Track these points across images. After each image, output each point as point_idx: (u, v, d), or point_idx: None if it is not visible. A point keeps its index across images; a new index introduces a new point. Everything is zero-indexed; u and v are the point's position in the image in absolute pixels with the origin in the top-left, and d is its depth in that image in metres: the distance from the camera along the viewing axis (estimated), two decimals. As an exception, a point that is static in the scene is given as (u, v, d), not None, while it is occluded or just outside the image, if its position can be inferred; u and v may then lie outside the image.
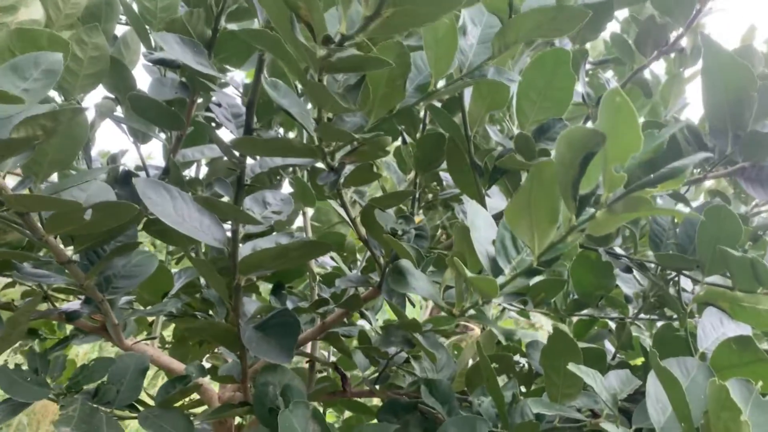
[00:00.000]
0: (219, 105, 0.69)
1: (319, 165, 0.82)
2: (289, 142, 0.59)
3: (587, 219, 0.38)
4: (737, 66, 0.68)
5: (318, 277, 1.06)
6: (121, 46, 0.96)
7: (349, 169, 0.70)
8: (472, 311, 0.55)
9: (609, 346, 0.99)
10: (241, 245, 0.76)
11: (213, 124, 0.92)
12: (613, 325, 0.91)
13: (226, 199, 0.77)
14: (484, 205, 0.79)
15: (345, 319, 0.96)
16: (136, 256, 0.84)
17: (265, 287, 1.18)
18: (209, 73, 0.59)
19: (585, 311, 0.87)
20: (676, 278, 0.65)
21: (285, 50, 0.44)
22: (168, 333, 1.37)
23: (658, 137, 0.38)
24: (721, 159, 0.74)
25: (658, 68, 1.10)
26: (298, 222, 1.17)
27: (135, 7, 0.89)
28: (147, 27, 0.88)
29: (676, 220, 0.68)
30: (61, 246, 0.69)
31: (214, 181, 0.72)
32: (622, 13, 0.91)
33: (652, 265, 0.67)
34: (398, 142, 0.94)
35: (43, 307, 0.99)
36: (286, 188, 1.08)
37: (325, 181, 0.65)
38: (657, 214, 0.41)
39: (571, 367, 0.58)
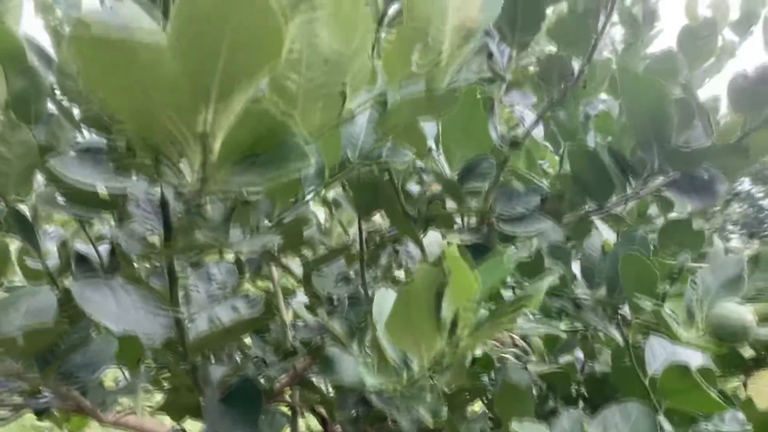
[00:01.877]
0: (138, 205, 0.69)
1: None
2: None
3: (456, 344, 0.38)
4: (652, 86, 0.67)
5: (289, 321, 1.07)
6: (55, 127, 0.96)
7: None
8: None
9: (579, 354, 0.99)
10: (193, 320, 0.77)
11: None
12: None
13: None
14: (421, 247, 0.79)
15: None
16: (93, 342, 0.85)
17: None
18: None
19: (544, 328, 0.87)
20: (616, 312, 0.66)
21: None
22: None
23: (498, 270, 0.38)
24: (651, 173, 0.74)
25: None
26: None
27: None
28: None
29: (605, 250, 0.68)
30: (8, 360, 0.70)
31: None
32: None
33: (588, 302, 0.67)
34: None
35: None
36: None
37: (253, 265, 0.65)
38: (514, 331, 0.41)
39: (515, 426, 0.59)
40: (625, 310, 0.68)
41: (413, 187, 0.83)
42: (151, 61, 0.26)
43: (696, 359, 0.68)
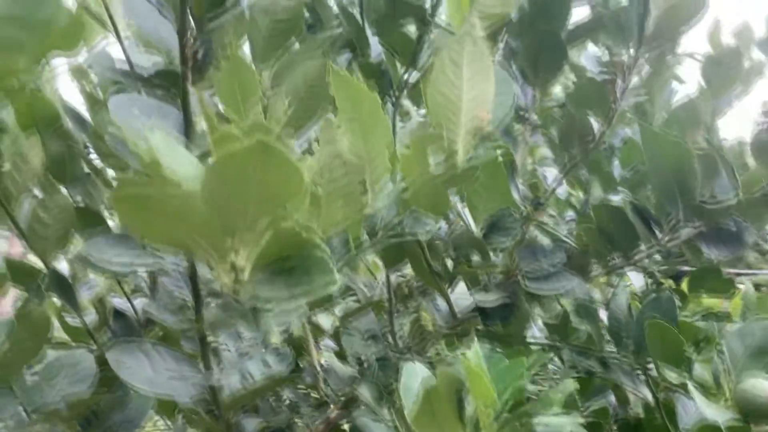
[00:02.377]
0: (169, 276, 0.71)
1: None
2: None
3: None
4: (675, 144, 0.68)
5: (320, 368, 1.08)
6: (90, 186, 0.99)
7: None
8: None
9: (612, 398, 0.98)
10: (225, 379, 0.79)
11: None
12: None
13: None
14: (448, 301, 0.80)
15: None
16: (132, 399, 0.87)
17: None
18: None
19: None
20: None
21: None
22: None
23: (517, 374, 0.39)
24: (677, 225, 0.74)
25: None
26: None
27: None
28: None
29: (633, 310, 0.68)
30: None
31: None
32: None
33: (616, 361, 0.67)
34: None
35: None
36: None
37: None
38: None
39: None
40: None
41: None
42: (185, 209, 0.27)
43: (727, 415, 0.68)
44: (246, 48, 0.68)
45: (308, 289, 0.33)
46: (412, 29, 0.67)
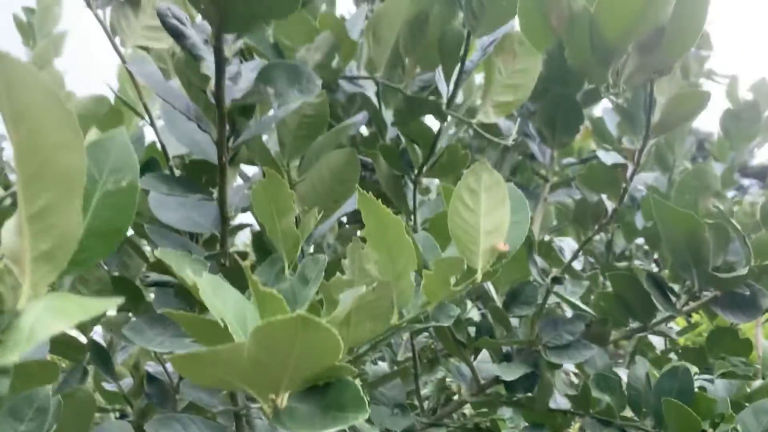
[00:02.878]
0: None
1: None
2: None
3: None
4: (687, 217, 0.70)
5: None
6: (126, 257, 1.03)
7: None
8: None
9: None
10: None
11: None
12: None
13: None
14: (472, 369, 0.83)
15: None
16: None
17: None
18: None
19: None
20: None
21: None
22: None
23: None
24: (692, 291, 0.76)
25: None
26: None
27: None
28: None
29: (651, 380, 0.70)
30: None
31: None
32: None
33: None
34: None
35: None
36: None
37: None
38: None
39: None
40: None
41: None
42: (233, 358, 0.31)
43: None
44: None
45: (341, 419, 0.36)
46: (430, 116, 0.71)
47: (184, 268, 0.43)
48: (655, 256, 1.10)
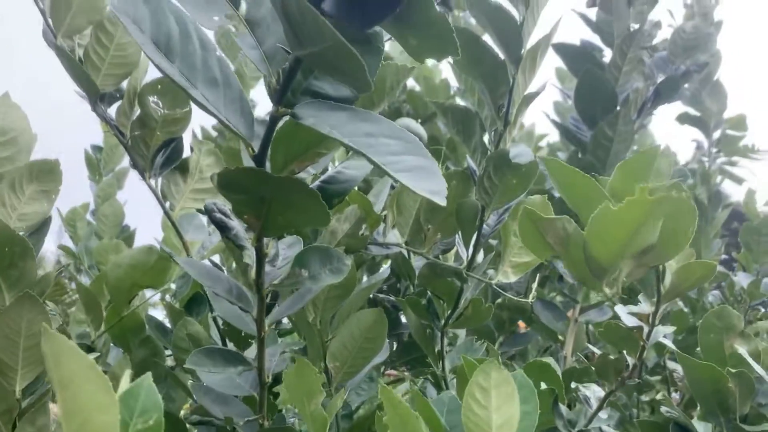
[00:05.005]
0: None
1: None
2: None
3: None
4: (709, 369, 0.72)
5: None
6: (169, 387, 1.09)
7: None
8: None
9: None
10: None
11: None
12: None
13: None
14: None
15: None
16: None
17: None
18: None
19: None
20: None
21: None
22: None
23: None
24: (723, 438, 0.77)
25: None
26: None
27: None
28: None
29: None
30: None
31: None
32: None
33: None
34: None
35: None
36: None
37: None
38: None
39: None
40: None
41: None
42: None
43: None
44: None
45: None
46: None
47: None
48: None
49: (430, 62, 1.36)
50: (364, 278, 0.95)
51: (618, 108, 1.07)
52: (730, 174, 1.67)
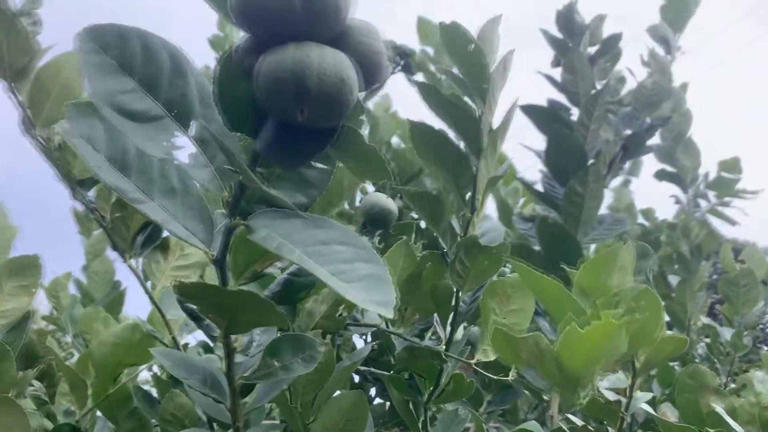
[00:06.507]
0: None
1: None
2: None
3: None
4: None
5: None
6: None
7: None
8: None
9: None
10: None
11: None
12: None
13: None
14: None
15: None
16: None
17: None
18: None
19: None
20: None
21: None
22: None
23: None
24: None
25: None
26: None
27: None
28: None
29: None
30: None
31: None
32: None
33: None
34: None
35: None
36: None
37: None
38: None
39: None
40: None
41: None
42: None
43: None
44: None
45: None
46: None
47: None
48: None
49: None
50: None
51: (588, 164, 1.08)
52: (723, 216, 1.67)
